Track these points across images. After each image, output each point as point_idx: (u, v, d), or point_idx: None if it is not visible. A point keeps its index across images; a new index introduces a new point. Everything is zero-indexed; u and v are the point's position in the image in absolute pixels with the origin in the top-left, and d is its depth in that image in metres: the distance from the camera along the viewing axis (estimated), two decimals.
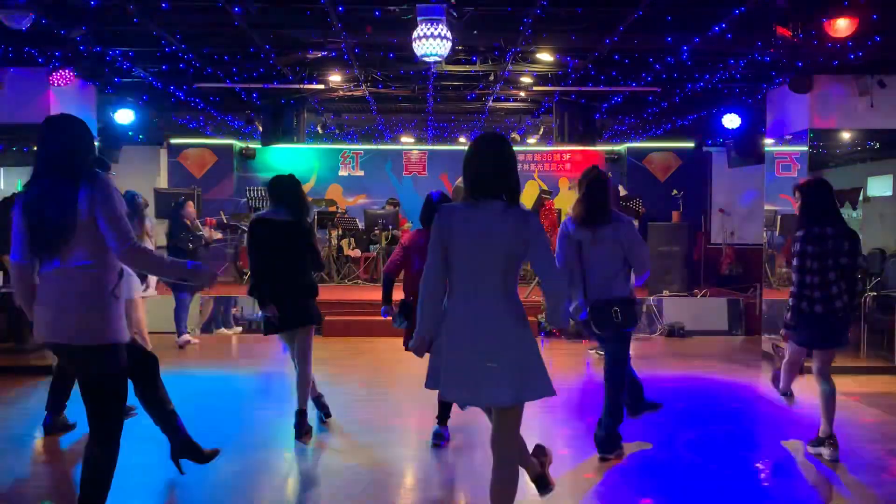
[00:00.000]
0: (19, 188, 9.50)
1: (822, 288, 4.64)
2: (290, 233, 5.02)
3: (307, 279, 5.20)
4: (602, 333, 4.70)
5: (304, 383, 5.15)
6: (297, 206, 5.08)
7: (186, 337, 8.83)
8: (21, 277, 3.23)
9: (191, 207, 9.09)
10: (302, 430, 5.08)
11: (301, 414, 5.09)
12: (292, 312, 5.07)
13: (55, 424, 5.22)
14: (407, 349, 4.72)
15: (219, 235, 11.79)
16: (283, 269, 5.03)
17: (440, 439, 5.02)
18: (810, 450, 4.94)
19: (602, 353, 7.98)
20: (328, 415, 5.60)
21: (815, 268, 4.63)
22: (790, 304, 4.75)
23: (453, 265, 3.06)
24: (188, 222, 8.88)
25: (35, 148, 3.22)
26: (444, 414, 5.07)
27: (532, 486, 3.64)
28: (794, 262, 4.70)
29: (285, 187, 5.14)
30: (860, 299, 4.82)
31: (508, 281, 3.07)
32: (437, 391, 3.17)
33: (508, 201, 3.07)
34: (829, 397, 4.88)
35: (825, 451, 4.83)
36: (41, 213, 3.05)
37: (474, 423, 5.25)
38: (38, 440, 5.18)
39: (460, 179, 3.38)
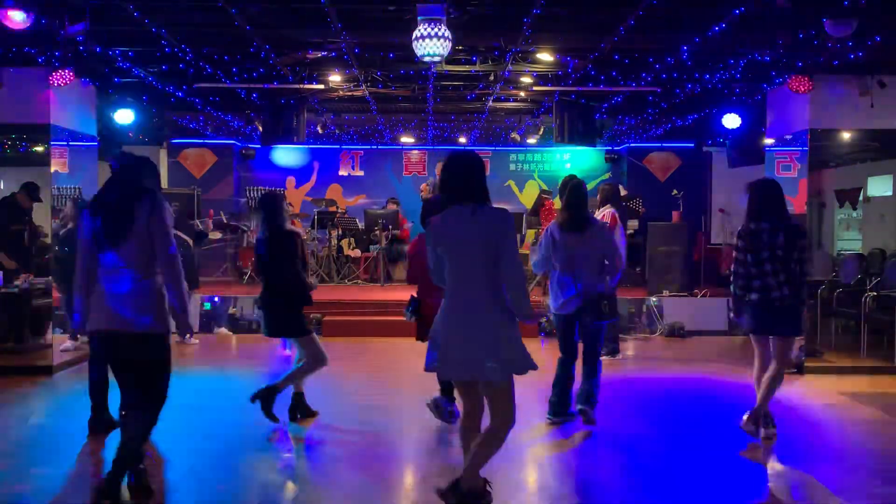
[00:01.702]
0: (19, 187, 9.41)
1: (760, 278, 4.96)
2: (271, 246, 5.36)
3: (288, 290, 5.37)
4: (589, 323, 5.23)
5: (301, 374, 5.50)
6: (273, 220, 5.37)
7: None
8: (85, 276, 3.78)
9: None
10: (296, 412, 5.52)
11: (297, 396, 5.56)
12: (273, 323, 5.46)
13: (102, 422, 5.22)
14: (418, 339, 5.30)
15: (218, 235, 11.71)
16: (269, 281, 5.44)
17: (451, 416, 5.31)
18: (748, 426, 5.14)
19: (608, 355, 8.06)
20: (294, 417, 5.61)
21: (751, 260, 4.96)
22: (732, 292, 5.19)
23: (446, 266, 3.54)
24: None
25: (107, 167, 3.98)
26: (447, 388, 5.32)
27: (531, 480, 3.63)
28: (733, 255, 5.13)
29: (264, 203, 5.50)
30: (803, 290, 5.10)
31: (490, 274, 3.45)
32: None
33: (476, 204, 3.50)
34: (775, 379, 5.09)
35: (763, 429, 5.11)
36: (111, 211, 3.68)
37: None
38: (39, 440, 5.17)
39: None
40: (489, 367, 3.41)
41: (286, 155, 15.16)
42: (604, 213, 7.82)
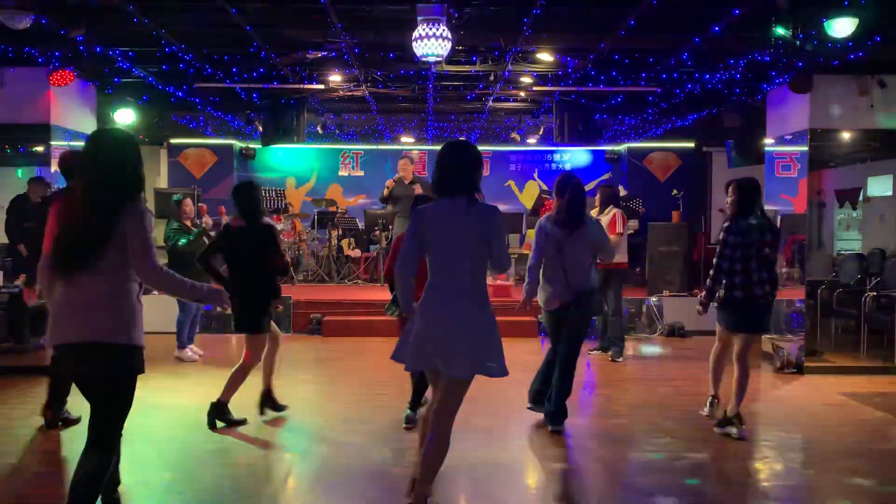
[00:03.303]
0: (20, 174, 9.29)
1: (743, 275, 5.11)
2: (245, 240, 5.25)
3: (260, 286, 5.33)
4: (575, 319, 5.27)
5: (238, 378, 5.35)
6: (251, 214, 5.27)
7: (188, 352, 8.03)
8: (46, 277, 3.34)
9: (188, 206, 8.12)
10: (212, 420, 5.29)
11: (218, 405, 5.33)
12: (240, 318, 5.34)
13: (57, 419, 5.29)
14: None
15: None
16: (238, 275, 5.29)
17: (410, 422, 5.40)
18: (716, 430, 5.32)
19: (605, 353, 8.10)
20: (261, 412, 5.64)
21: (738, 256, 5.09)
22: (705, 286, 5.32)
23: (429, 256, 3.52)
24: (187, 223, 8.10)
25: (78, 157, 3.52)
26: (416, 402, 5.51)
27: (531, 481, 3.63)
28: (718, 249, 5.20)
29: (241, 195, 5.34)
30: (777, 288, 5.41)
31: (476, 269, 3.51)
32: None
33: (469, 198, 3.48)
34: (744, 378, 5.25)
35: (733, 430, 5.19)
36: (83, 226, 3.14)
37: (467, 425, 5.28)
38: (40, 440, 5.17)
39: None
40: (459, 361, 3.40)
41: (286, 155, 15.16)
42: (612, 214, 7.88)
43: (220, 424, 5.33)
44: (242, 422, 5.42)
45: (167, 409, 5.94)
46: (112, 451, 3.24)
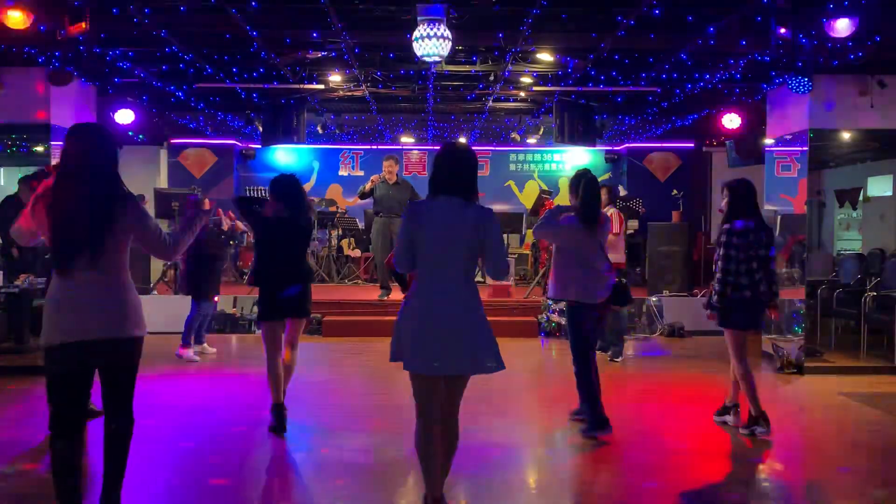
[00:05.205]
0: (18, 177, 9.28)
1: (748, 275, 5.15)
2: (292, 229, 5.24)
3: (305, 271, 5.40)
4: (615, 311, 5.44)
5: (289, 372, 5.33)
6: (298, 205, 5.28)
7: (190, 352, 7.92)
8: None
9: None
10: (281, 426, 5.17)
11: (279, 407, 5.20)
12: (303, 304, 5.30)
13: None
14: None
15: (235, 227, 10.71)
16: (283, 263, 5.22)
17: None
18: (742, 431, 5.29)
19: (604, 353, 8.06)
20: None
21: (742, 257, 5.14)
22: (715, 289, 5.21)
23: (421, 253, 3.48)
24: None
25: (61, 152, 3.51)
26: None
27: (532, 481, 3.63)
28: (722, 252, 5.19)
29: (285, 186, 5.32)
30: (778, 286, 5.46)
31: (467, 268, 3.54)
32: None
33: (466, 198, 3.50)
34: (749, 377, 5.26)
35: (759, 429, 5.21)
36: (81, 223, 3.22)
37: (469, 425, 5.27)
38: (40, 439, 5.17)
39: None
40: (479, 361, 3.48)
41: (286, 155, 15.16)
42: (611, 213, 7.89)
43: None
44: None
45: (167, 409, 5.94)
46: (132, 413, 3.48)
